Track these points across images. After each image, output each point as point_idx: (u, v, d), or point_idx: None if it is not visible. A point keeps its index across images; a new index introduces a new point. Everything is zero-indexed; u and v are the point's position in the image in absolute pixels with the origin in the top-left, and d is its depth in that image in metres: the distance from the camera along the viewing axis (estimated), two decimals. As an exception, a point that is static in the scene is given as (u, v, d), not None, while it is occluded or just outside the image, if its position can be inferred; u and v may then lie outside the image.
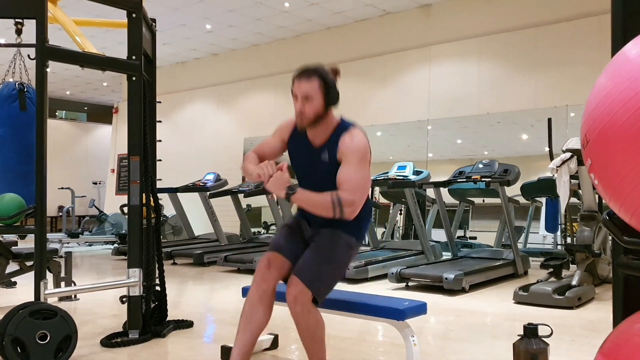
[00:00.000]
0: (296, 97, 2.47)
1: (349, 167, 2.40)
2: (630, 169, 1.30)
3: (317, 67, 2.46)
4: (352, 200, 2.36)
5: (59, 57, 3.38)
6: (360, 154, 2.42)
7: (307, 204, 2.42)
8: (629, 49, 1.42)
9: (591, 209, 5.37)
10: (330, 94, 2.44)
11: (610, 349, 1.48)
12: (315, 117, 2.45)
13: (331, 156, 2.47)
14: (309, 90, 2.42)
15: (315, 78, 2.43)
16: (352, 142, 2.43)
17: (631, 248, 1.60)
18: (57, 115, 16.95)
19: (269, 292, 2.50)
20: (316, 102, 2.43)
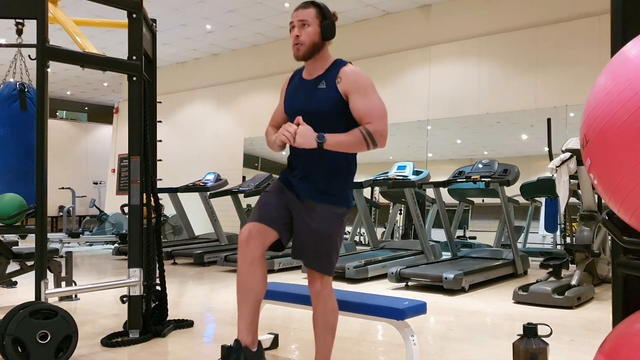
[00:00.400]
0: (293, 25, 2.52)
1: (365, 97, 2.40)
2: (630, 168, 1.31)
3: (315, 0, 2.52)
4: (381, 130, 2.38)
5: (59, 57, 3.38)
6: (369, 82, 2.45)
7: (340, 147, 2.37)
8: (629, 49, 1.42)
9: (591, 209, 5.38)
10: (326, 25, 2.48)
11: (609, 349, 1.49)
12: (312, 45, 2.47)
13: (329, 84, 2.45)
14: (305, 16, 2.48)
15: (312, 7, 2.50)
16: (357, 73, 2.45)
17: (631, 248, 1.60)
18: (57, 115, 16.95)
19: (256, 258, 2.39)
20: (312, 28, 2.47)
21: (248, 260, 2.38)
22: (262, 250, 2.42)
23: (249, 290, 2.39)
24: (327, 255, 2.50)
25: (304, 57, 2.51)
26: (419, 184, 6.99)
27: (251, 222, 2.46)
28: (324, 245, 2.49)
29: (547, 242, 8.64)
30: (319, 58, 2.51)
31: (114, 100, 15.67)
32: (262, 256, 2.42)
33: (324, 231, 2.47)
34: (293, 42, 2.51)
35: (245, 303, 2.40)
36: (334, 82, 2.44)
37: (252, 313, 2.41)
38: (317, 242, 2.48)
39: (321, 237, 2.48)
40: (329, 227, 2.48)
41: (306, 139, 2.33)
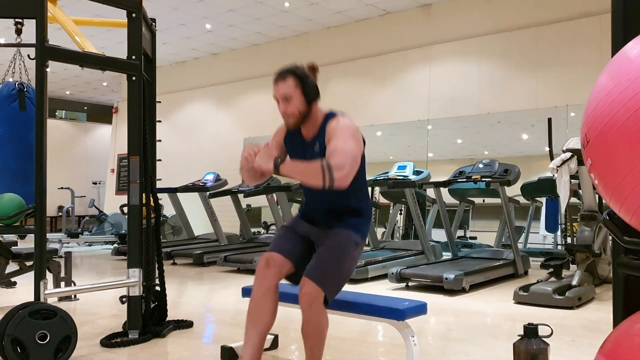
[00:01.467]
0: (277, 100, 2.54)
1: (337, 140, 2.41)
2: (631, 168, 1.30)
3: (291, 67, 2.53)
4: (342, 164, 2.29)
5: (58, 56, 3.38)
6: (349, 130, 2.45)
7: (295, 172, 2.37)
8: (630, 49, 1.41)
9: (591, 209, 5.37)
10: (307, 90, 2.51)
11: (610, 349, 1.48)
12: (300, 114, 2.52)
13: (321, 146, 2.50)
14: (286, 91, 2.49)
15: (289, 77, 2.50)
16: (337, 124, 2.48)
17: (631, 248, 1.60)
18: (56, 115, 16.95)
19: (271, 289, 2.50)
20: (296, 100, 2.50)
21: (263, 290, 2.49)
22: (277, 280, 2.53)
23: (259, 320, 2.49)
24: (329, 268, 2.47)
25: (295, 126, 2.57)
26: (420, 184, 6.99)
27: (270, 251, 2.56)
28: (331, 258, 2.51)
29: (547, 242, 8.64)
30: (311, 119, 2.57)
31: (114, 100, 15.66)
32: (276, 287, 2.52)
33: (335, 247, 2.53)
34: (282, 115, 2.55)
35: (253, 330, 2.49)
36: (324, 142, 2.49)
37: (259, 342, 2.49)
38: (325, 254, 2.52)
39: (329, 250, 2.53)
40: (341, 245, 2.54)
41: (263, 161, 2.34)
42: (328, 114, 2.58)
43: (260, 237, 9.30)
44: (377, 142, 9.80)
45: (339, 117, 2.53)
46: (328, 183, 2.26)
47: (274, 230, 10.12)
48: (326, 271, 2.47)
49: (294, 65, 2.55)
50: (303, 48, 10.61)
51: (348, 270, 2.58)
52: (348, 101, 10.06)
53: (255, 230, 10.46)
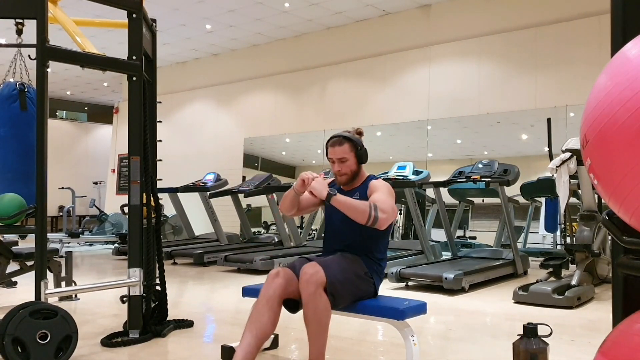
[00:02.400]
0: (333, 161, 2.90)
1: (381, 194, 2.75)
2: (630, 169, 1.31)
3: (345, 134, 2.90)
4: (386, 209, 2.64)
5: (59, 57, 3.38)
6: (391, 191, 2.84)
7: (345, 205, 2.66)
8: (629, 49, 1.42)
9: (591, 209, 5.38)
10: (360, 153, 2.90)
11: (609, 349, 1.48)
12: (352, 173, 2.90)
13: (362, 194, 2.85)
14: (342, 154, 2.86)
15: (345, 143, 2.87)
16: (382, 183, 2.88)
17: (631, 248, 1.60)
18: (57, 115, 16.95)
19: (275, 298, 2.60)
20: (350, 161, 2.88)
21: (267, 297, 2.62)
22: (283, 291, 2.63)
23: (258, 325, 2.57)
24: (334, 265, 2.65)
25: (346, 183, 2.94)
26: (419, 184, 6.99)
27: (284, 266, 2.75)
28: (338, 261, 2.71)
29: (547, 242, 8.64)
30: (357, 177, 2.95)
31: (114, 100, 15.66)
32: (280, 298, 2.63)
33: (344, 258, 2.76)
34: (336, 174, 2.92)
35: (250, 333, 2.56)
36: (366, 192, 2.85)
37: (254, 346, 2.54)
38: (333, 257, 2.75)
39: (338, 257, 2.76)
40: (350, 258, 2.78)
41: (319, 187, 2.67)
42: (370, 176, 2.99)
43: (261, 237, 9.31)
44: (376, 142, 9.81)
45: (380, 180, 2.92)
46: (372, 220, 2.61)
47: (274, 230, 10.13)
48: (332, 266, 2.64)
49: (347, 132, 2.92)
50: (303, 48, 10.62)
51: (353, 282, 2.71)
52: (348, 101, 10.08)
53: (256, 230, 10.47)
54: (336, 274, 2.61)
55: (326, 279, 2.55)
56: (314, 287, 2.52)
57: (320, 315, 2.55)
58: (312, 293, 2.52)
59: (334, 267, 2.63)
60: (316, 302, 2.53)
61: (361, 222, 2.62)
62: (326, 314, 2.57)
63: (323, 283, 2.54)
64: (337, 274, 2.61)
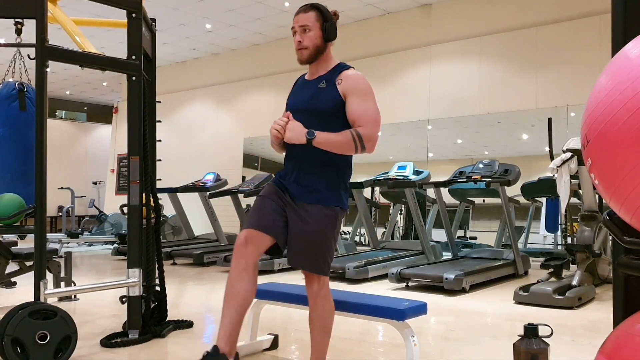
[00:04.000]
0: (295, 31, 2.54)
1: (362, 101, 2.45)
2: (631, 168, 1.30)
3: (315, 2, 2.55)
4: (371, 135, 2.44)
5: (58, 56, 3.38)
6: (369, 88, 2.50)
7: (328, 145, 2.40)
8: (630, 49, 1.41)
9: (591, 209, 5.37)
10: (327, 27, 2.51)
11: (610, 349, 1.48)
12: (315, 49, 2.51)
13: (330, 84, 2.49)
14: (306, 21, 2.50)
15: (312, 10, 2.51)
16: (357, 77, 2.51)
17: (632, 248, 1.60)
18: (56, 115, 16.95)
19: (249, 266, 2.41)
20: (314, 32, 2.50)
21: (240, 267, 2.40)
22: (256, 257, 2.45)
23: (236, 296, 2.37)
24: (322, 256, 2.48)
25: (307, 61, 2.55)
26: (420, 184, 6.99)
27: (247, 228, 2.47)
28: (318, 246, 2.47)
29: (548, 243, 8.63)
30: (322, 60, 2.56)
31: (114, 100, 15.66)
32: (254, 264, 2.43)
33: (317, 233, 2.46)
34: (296, 47, 2.54)
35: (229, 309, 2.36)
36: (334, 82, 2.49)
37: (234, 321, 2.36)
38: (311, 243, 2.47)
39: (315, 239, 2.46)
40: (322, 228, 2.46)
41: (295, 133, 2.37)
42: (341, 63, 2.60)
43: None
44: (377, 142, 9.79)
45: (354, 73, 2.54)
46: (360, 151, 2.43)
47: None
48: (316, 258, 2.46)
49: (318, 3, 2.56)
50: (303, 48, 10.60)
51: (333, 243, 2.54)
52: (348, 101, 10.06)
53: (255, 230, 10.43)
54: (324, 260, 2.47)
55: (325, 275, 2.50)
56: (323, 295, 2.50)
57: (325, 318, 2.53)
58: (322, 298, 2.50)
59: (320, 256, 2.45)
60: (323, 306, 2.51)
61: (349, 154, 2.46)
62: (331, 315, 2.56)
63: (327, 283, 2.51)
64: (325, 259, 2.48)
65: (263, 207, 2.52)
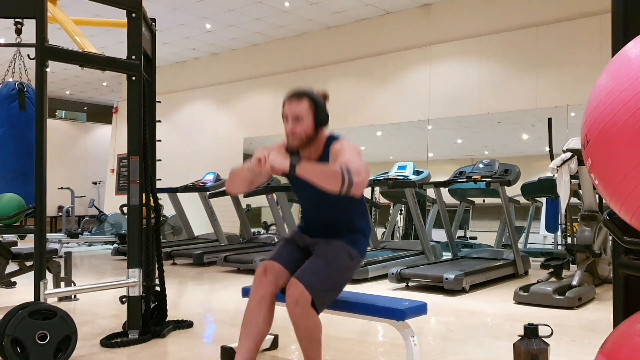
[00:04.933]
0: (287, 118, 2.51)
1: (345, 155, 2.40)
2: (631, 168, 1.30)
3: (307, 90, 2.53)
4: (358, 170, 2.28)
5: (58, 56, 3.38)
6: (355, 149, 2.47)
7: (313, 174, 2.29)
8: (630, 49, 1.41)
9: (592, 209, 5.37)
10: (319, 115, 2.50)
11: (610, 349, 1.48)
12: (306, 137, 2.50)
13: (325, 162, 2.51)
14: (299, 111, 2.47)
15: (304, 99, 2.49)
16: (342, 145, 2.50)
17: (632, 248, 1.60)
18: (56, 115, 16.95)
19: (267, 297, 2.49)
20: (306, 122, 2.48)
21: (258, 297, 2.48)
22: (274, 288, 2.51)
23: (253, 327, 2.47)
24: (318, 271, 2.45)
25: (298, 147, 2.55)
26: (420, 184, 6.99)
27: (269, 260, 2.56)
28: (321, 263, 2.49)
29: (548, 243, 8.64)
30: (313, 144, 2.55)
31: (113, 100, 15.66)
32: (272, 295, 2.50)
33: (327, 253, 2.52)
34: (288, 133, 2.52)
35: (247, 336, 2.46)
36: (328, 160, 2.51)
37: (252, 349, 2.46)
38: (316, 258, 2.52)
39: (321, 255, 2.52)
40: (333, 251, 2.53)
41: (279, 161, 2.30)
42: (330, 137, 2.58)
43: (260, 237, 9.30)
44: (377, 142, 9.80)
45: (342, 140, 2.55)
46: (347, 186, 2.23)
47: (274, 230, 10.12)
48: (315, 275, 2.44)
49: (310, 89, 2.55)
50: (303, 48, 10.61)
51: (339, 279, 2.55)
52: (348, 101, 10.06)
53: (255, 230, 10.46)
54: (321, 284, 2.43)
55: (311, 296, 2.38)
56: (300, 309, 2.38)
57: (311, 333, 2.46)
58: (300, 314, 2.39)
59: (318, 276, 2.44)
60: (306, 322, 2.42)
61: (334, 190, 2.23)
62: (317, 329, 2.47)
63: (309, 301, 2.39)
64: (322, 284, 2.44)
65: (285, 245, 2.66)
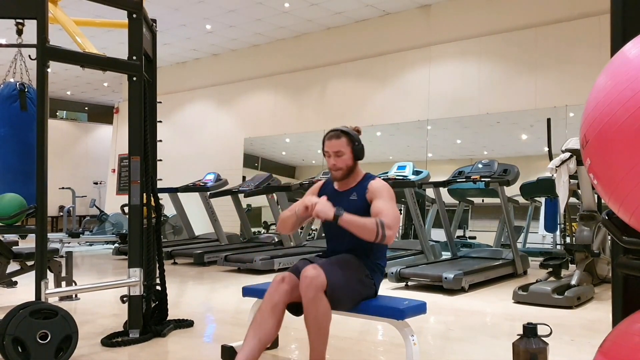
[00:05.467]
0: (329, 154, 2.84)
1: (385, 202, 2.70)
2: (630, 169, 1.31)
3: (343, 129, 2.86)
4: (392, 224, 2.59)
5: (59, 57, 3.38)
6: (392, 194, 2.77)
7: (353, 225, 2.58)
8: (629, 49, 1.42)
9: (590, 209, 5.38)
10: (357, 148, 2.84)
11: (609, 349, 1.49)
12: (347, 168, 2.83)
13: (360, 195, 2.80)
14: (339, 147, 2.81)
15: (343, 136, 2.82)
16: (383, 185, 2.81)
17: (630, 248, 1.60)
18: (57, 115, 16.94)
19: (280, 305, 2.62)
20: (346, 155, 2.82)
21: (272, 303, 2.62)
22: (287, 298, 2.64)
23: (261, 330, 2.58)
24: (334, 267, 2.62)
25: (341, 179, 2.87)
26: (419, 184, 6.99)
27: (288, 271, 2.74)
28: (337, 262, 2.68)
29: (546, 242, 8.63)
30: (352, 175, 2.88)
31: (114, 100, 15.67)
32: (284, 304, 2.65)
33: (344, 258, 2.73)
34: (331, 168, 2.85)
35: (254, 337, 2.57)
36: (364, 194, 2.79)
37: (257, 348, 2.56)
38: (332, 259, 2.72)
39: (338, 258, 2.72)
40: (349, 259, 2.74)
41: (325, 209, 2.58)
42: (368, 174, 2.92)
43: (261, 237, 9.31)
44: (377, 143, 9.80)
45: (380, 182, 2.84)
46: (380, 239, 2.56)
47: (274, 230, 10.13)
48: (334, 269, 2.60)
49: (346, 127, 2.87)
50: (303, 49, 10.62)
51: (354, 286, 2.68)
52: (348, 101, 10.08)
53: (256, 230, 10.46)
54: (337, 277, 2.58)
55: (327, 282, 2.52)
56: (314, 291, 2.50)
57: (320, 319, 2.55)
58: (312, 298, 2.50)
59: (336, 271, 2.60)
60: (317, 306, 2.52)
61: (368, 240, 2.58)
62: (326, 318, 2.57)
63: (324, 286, 2.52)
64: (339, 278, 2.58)
65: (305, 261, 2.83)
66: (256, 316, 2.63)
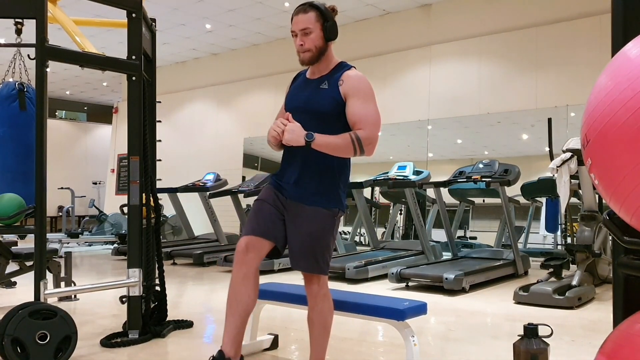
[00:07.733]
0: (295, 33, 2.48)
1: (363, 103, 2.42)
2: (631, 168, 1.30)
3: (313, 1, 2.47)
4: (371, 138, 2.40)
5: (58, 57, 3.38)
6: (370, 90, 2.47)
7: (327, 147, 2.36)
8: (629, 49, 1.41)
9: (591, 209, 5.37)
10: (328, 26, 2.45)
11: (610, 349, 1.48)
12: (317, 49, 2.46)
13: (332, 85, 2.46)
14: (306, 23, 2.44)
15: (311, 10, 2.45)
16: (360, 78, 2.46)
17: (631, 248, 1.60)
18: (56, 115, 16.95)
19: (250, 273, 2.45)
20: (315, 34, 2.44)
21: (242, 274, 2.45)
22: (257, 263, 2.49)
23: (238, 303, 2.43)
24: (322, 256, 2.50)
25: (310, 62, 2.51)
26: (420, 184, 6.99)
27: (246, 235, 2.49)
28: (318, 246, 2.48)
29: (547, 243, 8.63)
30: (324, 59, 2.51)
31: (114, 100, 15.66)
32: (256, 270, 2.48)
33: (316, 232, 2.47)
34: (298, 49, 2.49)
35: (232, 315, 2.43)
36: (337, 83, 2.45)
37: (239, 326, 2.43)
38: (311, 244, 2.48)
39: (314, 239, 2.47)
40: (321, 228, 2.47)
41: (295, 135, 2.33)
42: (343, 62, 2.55)
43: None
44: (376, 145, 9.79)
45: (356, 71, 2.50)
46: (358, 154, 2.39)
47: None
48: (316, 259, 2.47)
49: (317, 1, 2.48)
50: (303, 48, 10.60)
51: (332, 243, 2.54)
52: (348, 101, 10.06)
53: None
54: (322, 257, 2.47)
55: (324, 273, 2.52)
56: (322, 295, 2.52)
57: (325, 317, 2.55)
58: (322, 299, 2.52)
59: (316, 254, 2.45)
60: (323, 305, 2.53)
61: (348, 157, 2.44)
62: (330, 314, 2.57)
63: (326, 282, 2.54)
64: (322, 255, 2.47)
65: (261, 210, 2.53)
66: (229, 293, 2.46)
